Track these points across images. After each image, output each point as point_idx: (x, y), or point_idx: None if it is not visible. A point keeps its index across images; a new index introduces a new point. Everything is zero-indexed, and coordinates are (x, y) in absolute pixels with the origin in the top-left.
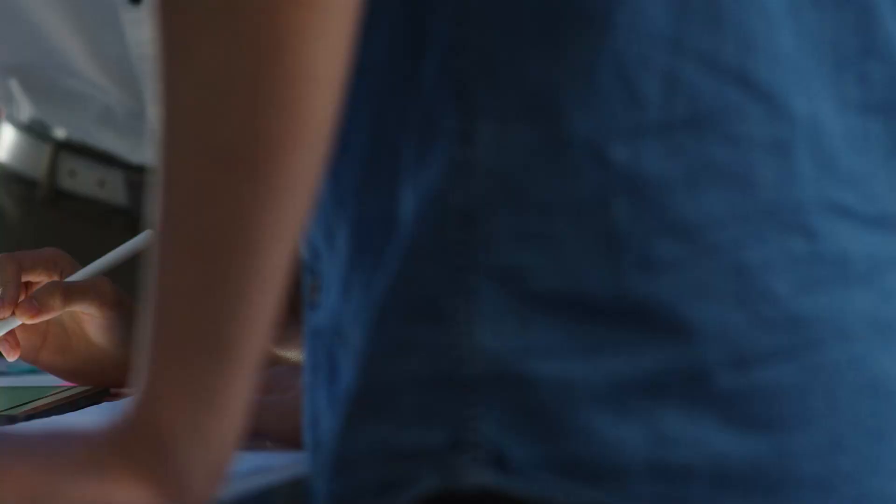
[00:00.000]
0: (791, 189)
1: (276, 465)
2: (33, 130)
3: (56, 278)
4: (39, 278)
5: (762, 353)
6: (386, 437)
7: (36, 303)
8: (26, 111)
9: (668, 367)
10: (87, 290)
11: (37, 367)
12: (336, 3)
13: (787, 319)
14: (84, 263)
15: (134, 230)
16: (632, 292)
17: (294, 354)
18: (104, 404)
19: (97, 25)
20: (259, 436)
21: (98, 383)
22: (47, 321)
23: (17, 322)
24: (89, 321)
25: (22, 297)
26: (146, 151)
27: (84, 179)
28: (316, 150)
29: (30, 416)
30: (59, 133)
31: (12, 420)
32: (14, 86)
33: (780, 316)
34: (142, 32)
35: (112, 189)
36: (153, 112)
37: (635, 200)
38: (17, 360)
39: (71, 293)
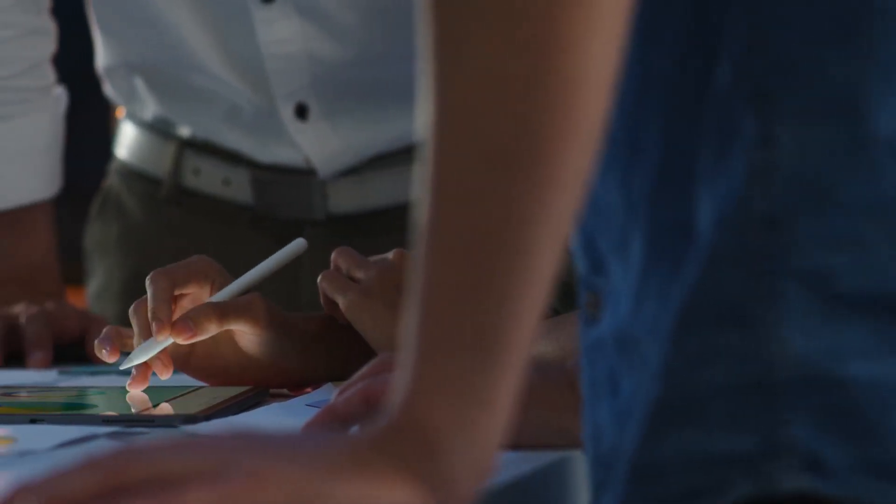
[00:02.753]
0: None
1: None
2: (156, 129)
3: (208, 289)
4: (191, 290)
5: None
6: (693, 445)
7: (191, 323)
8: (150, 109)
9: None
10: (241, 311)
11: (185, 373)
12: (610, 3)
13: None
14: None
15: (259, 229)
16: None
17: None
18: (273, 405)
19: (228, 24)
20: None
21: (240, 384)
22: None
23: (170, 341)
24: (241, 336)
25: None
26: (274, 150)
27: (209, 178)
28: (586, 151)
29: (208, 417)
30: (183, 131)
31: (191, 420)
32: (139, 84)
33: None
34: (273, 31)
35: (237, 187)
36: (283, 111)
37: None
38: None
39: (226, 314)
